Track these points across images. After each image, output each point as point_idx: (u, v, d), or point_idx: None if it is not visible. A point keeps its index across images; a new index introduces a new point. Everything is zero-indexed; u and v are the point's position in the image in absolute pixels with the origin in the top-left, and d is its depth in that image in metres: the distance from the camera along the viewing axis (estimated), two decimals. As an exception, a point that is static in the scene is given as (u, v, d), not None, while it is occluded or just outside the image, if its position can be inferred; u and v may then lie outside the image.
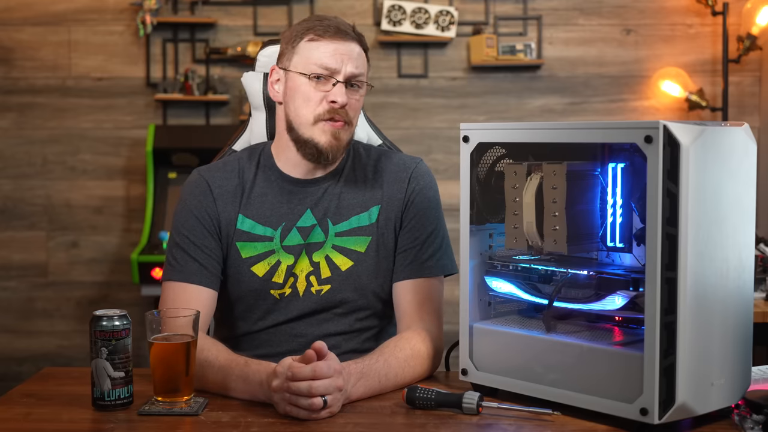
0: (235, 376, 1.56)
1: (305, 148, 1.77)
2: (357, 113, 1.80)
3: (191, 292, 1.74)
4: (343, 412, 1.49)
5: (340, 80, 1.74)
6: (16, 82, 4.26)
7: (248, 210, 1.81)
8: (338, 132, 1.75)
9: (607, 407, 1.40)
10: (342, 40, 1.75)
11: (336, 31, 1.75)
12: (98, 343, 1.49)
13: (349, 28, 1.78)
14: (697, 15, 4.18)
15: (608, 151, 1.52)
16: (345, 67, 1.74)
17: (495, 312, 1.65)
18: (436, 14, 4.12)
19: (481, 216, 1.61)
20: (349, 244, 1.80)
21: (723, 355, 1.40)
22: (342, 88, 1.74)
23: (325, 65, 1.73)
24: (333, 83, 1.74)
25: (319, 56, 1.74)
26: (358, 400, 1.55)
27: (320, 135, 1.75)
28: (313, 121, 1.75)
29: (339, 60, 1.73)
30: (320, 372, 1.44)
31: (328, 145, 1.75)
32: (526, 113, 4.22)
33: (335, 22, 1.77)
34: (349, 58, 1.74)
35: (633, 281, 1.44)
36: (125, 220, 4.28)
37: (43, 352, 4.31)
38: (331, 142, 1.75)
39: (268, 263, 1.79)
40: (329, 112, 1.74)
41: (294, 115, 1.77)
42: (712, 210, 1.36)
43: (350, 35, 1.76)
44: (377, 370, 1.58)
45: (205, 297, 1.75)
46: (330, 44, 1.74)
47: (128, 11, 4.21)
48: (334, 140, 1.75)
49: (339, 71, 1.74)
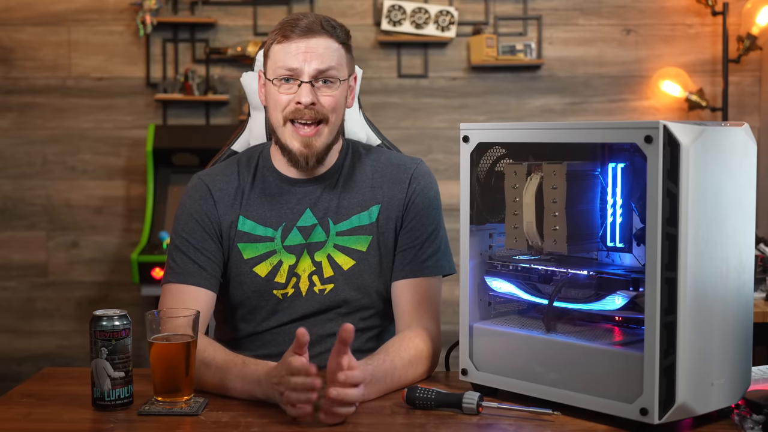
0: (233, 376, 1.56)
1: (284, 153, 1.79)
2: (335, 110, 1.77)
3: (189, 293, 1.74)
4: (343, 412, 1.49)
5: (305, 80, 1.73)
6: (16, 82, 4.26)
7: (248, 211, 1.81)
8: (309, 140, 1.75)
9: (607, 407, 1.40)
10: (306, 37, 1.73)
11: (302, 30, 1.73)
12: (98, 343, 1.49)
13: (318, 24, 1.74)
14: (697, 15, 4.18)
15: (608, 151, 1.52)
16: (308, 66, 1.72)
17: (495, 312, 1.65)
18: (436, 14, 4.12)
19: (481, 216, 1.61)
20: (350, 243, 1.80)
21: (723, 355, 1.40)
22: (307, 87, 1.72)
23: (288, 66, 1.73)
24: (298, 84, 1.73)
25: (283, 59, 1.73)
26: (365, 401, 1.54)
27: (291, 140, 1.76)
28: (282, 123, 1.76)
29: (301, 59, 1.72)
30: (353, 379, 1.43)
31: (299, 152, 1.76)
32: (526, 113, 4.22)
33: (306, 21, 1.74)
34: (313, 55, 1.73)
35: (633, 281, 1.44)
36: (125, 220, 4.28)
37: (43, 352, 4.31)
38: (301, 150, 1.75)
39: (269, 263, 1.79)
40: (294, 112, 1.74)
41: (271, 119, 1.79)
42: (712, 210, 1.36)
43: (319, 31, 1.74)
44: (384, 371, 1.58)
45: (202, 298, 1.75)
46: (293, 44, 1.73)
47: (128, 11, 4.21)
48: (305, 148, 1.75)
49: (302, 71, 1.73)
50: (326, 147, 1.78)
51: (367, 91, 4.13)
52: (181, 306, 1.69)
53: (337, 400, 1.41)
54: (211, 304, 1.78)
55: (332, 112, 1.76)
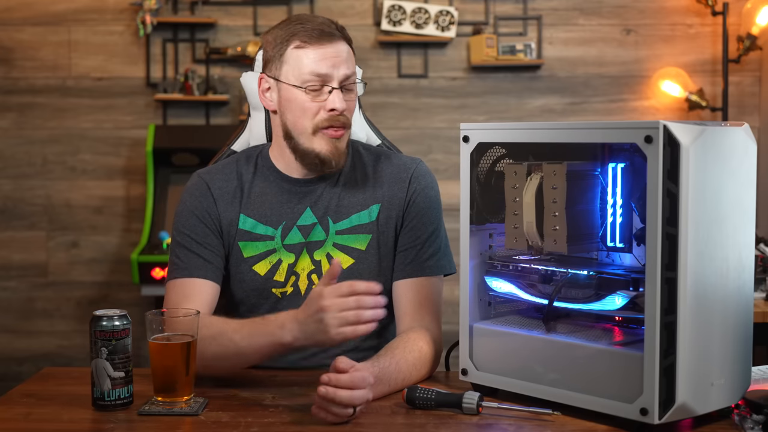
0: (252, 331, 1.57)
1: (306, 158, 1.77)
2: (353, 114, 1.79)
3: (195, 286, 1.74)
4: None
5: (335, 86, 1.71)
6: (16, 82, 4.26)
7: (249, 210, 1.81)
8: (338, 141, 1.75)
9: (607, 407, 1.40)
10: (329, 43, 1.72)
11: (321, 34, 1.71)
12: (98, 343, 1.49)
13: (332, 27, 1.74)
14: (697, 15, 4.18)
15: (608, 151, 1.52)
16: (337, 72, 1.72)
17: (495, 312, 1.65)
18: (436, 14, 4.12)
19: (481, 216, 1.61)
20: (350, 242, 1.80)
21: (723, 355, 1.40)
22: (338, 94, 1.71)
23: (317, 73, 1.71)
24: (329, 90, 1.72)
25: (309, 65, 1.71)
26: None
27: (321, 145, 1.74)
28: (312, 131, 1.74)
29: (330, 65, 1.71)
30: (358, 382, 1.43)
31: (331, 154, 1.75)
32: (526, 113, 4.22)
33: (318, 24, 1.73)
34: (340, 61, 1.72)
35: (633, 281, 1.44)
36: (125, 220, 4.28)
37: (43, 352, 4.31)
38: (332, 152, 1.75)
39: (269, 262, 1.79)
40: (328, 120, 1.73)
41: (292, 126, 1.76)
42: (712, 210, 1.36)
43: (335, 35, 1.73)
44: (390, 373, 1.58)
45: (208, 290, 1.75)
46: (318, 50, 1.71)
47: (128, 11, 4.21)
48: (336, 149, 1.75)
49: (332, 77, 1.71)
50: (347, 148, 1.79)
51: (367, 91, 4.11)
52: (187, 300, 1.69)
53: (326, 398, 1.42)
54: (216, 296, 1.77)
55: (352, 117, 1.78)
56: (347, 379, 1.42)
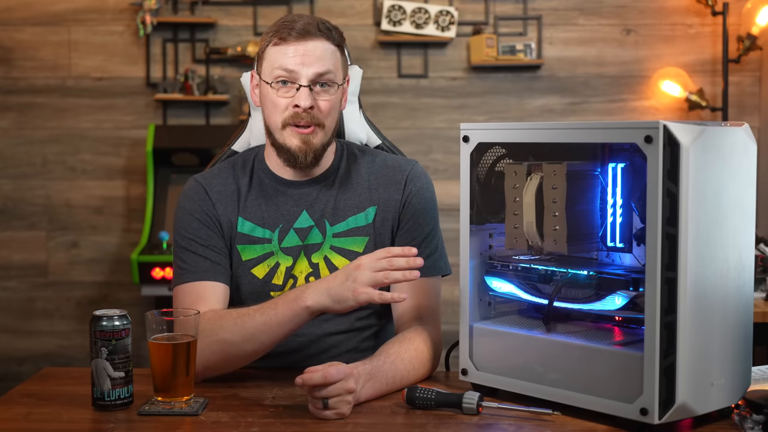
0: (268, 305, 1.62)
1: (281, 153, 1.78)
2: (330, 114, 1.76)
3: (206, 289, 1.74)
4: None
5: (303, 83, 1.72)
6: (16, 82, 4.26)
7: (247, 213, 1.81)
8: (308, 137, 1.74)
9: (607, 407, 1.40)
10: (305, 40, 1.72)
11: (300, 33, 1.72)
12: (98, 343, 1.49)
13: (314, 26, 1.73)
14: (697, 15, 4.18)
15: (608, 151, 1.52)
16: (307, 69, 1.72)
17: (495, 312, 1.65)
18: (436, 14, 4.12)
19: (481, 216, 1.61)
20: (347, 245, 1.80)
21: (723, 355, 1.40)
22: (305, 91, 1.72)
23: (286, 68, 1.72)
24: (297, 87, 1.72)
25: (280, 60, 1.72)
26: (366, 401, 1.55)
27: (290, 140, 1.75)
28: (281, 126, 1.75)
29: (300, 62, 1.71)
30: (330, 377, 1.44)
31: (298, 149, 1.75)
32: (526, 113, 4.23)
33: (302, 23, 1.73)
34: (312, 59, 1.72)
35: (633, 281, 1.44)
36: (125, 220, 4.29)
37: (43, 352, 4.31)
38: (300, 146, 1.75)
39: (267, 265, 1.79)
40: (293, 117, 1.73)
41: (267, 121, 1.78)
42: (712, 210, 1.36)
43: (315, 34, 1.73)
44: (385, 371, 1.58)
45: (221, 292, 1.75)
46: (291, 47, 1.72)
47: (128, 11, 4.21)
48: (304, 144, 1.74)
49: (301, 74, 1.72)
50: (322, 146, 1.78)
51: (367, 91, 4.13)
52: (202, 302, 1.69)
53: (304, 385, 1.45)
54: (228, 298, 1.77)
55: (328, 116, 1.76)
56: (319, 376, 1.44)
